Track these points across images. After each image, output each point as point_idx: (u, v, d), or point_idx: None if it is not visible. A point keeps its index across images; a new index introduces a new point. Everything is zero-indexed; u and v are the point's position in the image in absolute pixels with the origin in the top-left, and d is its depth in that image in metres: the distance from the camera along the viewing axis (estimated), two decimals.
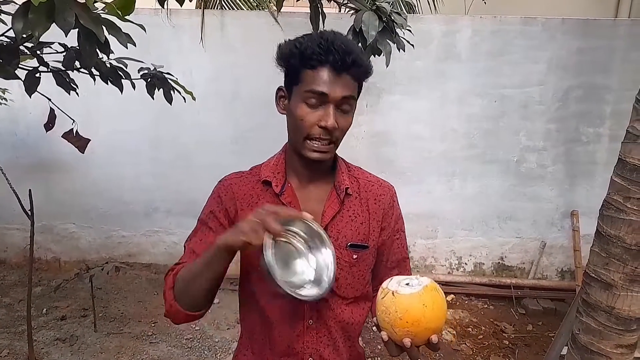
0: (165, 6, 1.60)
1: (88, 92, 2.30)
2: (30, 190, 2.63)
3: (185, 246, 1.07)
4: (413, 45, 2.06)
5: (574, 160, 3.71)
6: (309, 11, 1.91)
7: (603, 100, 3.59)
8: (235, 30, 3.64)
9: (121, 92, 1.93)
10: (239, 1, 4.10)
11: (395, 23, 1.76)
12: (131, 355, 2.91)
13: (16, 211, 2.77)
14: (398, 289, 0.85)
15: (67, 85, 1.90)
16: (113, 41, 1.30)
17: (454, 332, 3.28)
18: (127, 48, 1.33)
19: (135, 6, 1.23)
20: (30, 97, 1.69)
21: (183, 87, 2.12)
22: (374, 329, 2.97)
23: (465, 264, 3.96)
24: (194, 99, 2.18)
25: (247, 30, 3.61)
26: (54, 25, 1.04)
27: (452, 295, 3.76)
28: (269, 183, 1.05)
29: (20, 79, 1.63)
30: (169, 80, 2.11)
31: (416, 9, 4.05)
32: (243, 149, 3.70)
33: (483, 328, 3.37)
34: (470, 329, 3.34)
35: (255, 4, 4.08)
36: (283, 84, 1.02)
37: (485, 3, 3.65)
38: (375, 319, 0.91)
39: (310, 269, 0.93)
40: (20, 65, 1.54)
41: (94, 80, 1.88)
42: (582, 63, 3.53)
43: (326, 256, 0.92)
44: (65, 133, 2.12)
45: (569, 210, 3.79)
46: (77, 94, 1.98)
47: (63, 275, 3.86)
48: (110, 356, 2.89)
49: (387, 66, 1.81)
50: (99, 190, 3.96)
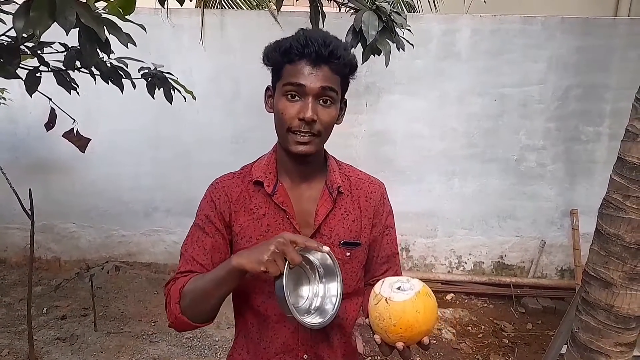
0: (165, 5, 1.60)
1: (87, 92, 2.30)
2: (30, 189, 2.63)
3: (182, 252, 1.07)
4: (413, 44, 2.06)
5: (573, 159, 3.72)
6: (309, 11, 1.91)
7: (602, 99, 3.60)
8: (235, 30, 3.64)
9: (122, 92, 1.93)
10: (238, 0, 4.09)
11: (395, 23, 1.76)
12: (131, 355, 2.92)
13: (16, 211, 2.77)
14: (391, 296, 0.86)
15: (68, 84, 1.90)
16: (113, 41, 1.30)
17: (454, 331, 3.28)
18: (128, 48, 1.33)
19: (136, 5, 1.23)
20: (30, 97, 1.69)
21: (183, 87, 2.12)
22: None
23: (465, 262, 3.97)
24: (194, 98, 2.18)
25: (247, 29, 3.61)
26: (54, 25, 1.04)
27: (452, 294, 3.77)
28: (261, 183, 1.05)
29: (21, 79, 1.63)
30: (170, 80, 2.12)
31: (416, 8, 4.05)
32: (243, 148, 3.71)
33: (483, 327, 3.38)
34: (470, 328, 3.35)
35: (255, 4, 4.08)
36: (271, 83, 1.04)
37: (485, 2, 3.65)
38: (367, 320, 0.92)
39: (317, 297, 0.96)
40: (20, 65, 1.53)
41: (95, 79, 1.88)
42: (582, 62, 3.54)
43: (333, 288, 0.95)
44: (65, 132, 2.12)
45: (569, 209, 3.79)
46: (78, 93, 1.98)
47: (63, 274, 3.86)
48: (110, 355, 2.90)
49: (387, 66, 1.81)
50: (98, 190, 3.96)
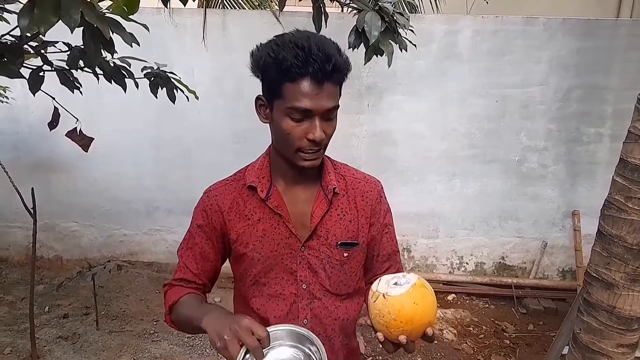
0: (168, 5, 1.60)
1: (90, 92, 2.31)
2: (32, 188, 2.63)
3: (178, 256, 1.10)
4: (415, 45, 2.06)
5: (575, 160, 3.71)
6: (311, 11, 1.92)
7: (604, 100, 3.59)
8: (237, 30, 3.64)
9: (125, 91, 1.94)
10: (241, 0, 4.10)
11: (398, 23, 1.76)
12: (133, 353, 2.92)
13: (18, 209, 2.78)
14: (388, 291, 0.86)
15: (71, 84, 1.90)
16: (115, 40, 1.30)
17: (455, 332, 3.28)
18: (132, 47, 1.33)
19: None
20: (34, 96, 1.70)
21: (186, 86, 2.13)
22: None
23: (467, 263, 3.96)
24: (197, 98, 2.19)
25: (249, 29, 3.61)
26: (58, 24, 1.05)
27: (453, 295, 3.77)
28: (254, 188, 1.05)
29: (25, 78, 1.63)
30: (172, 80, 2.12)
31: (418, 8, 4.05)
32: (244, 148, 3.71)
33: (484, 327, 3.38)
34: (471, 329, 3.35)
35: (257, 4, 4.09)
36: (261, 93, 0.99)
37: (487, 3, 3.66)
38: (369, 320, 0.91)
39: None
40: (24, 64, 1.54)
41: (98, 79, 1.88)
42: (584, 63, 3.54)
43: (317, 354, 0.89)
44: (69, 132, 2.13)
45: (570, 210, 3.79)
46: (81, 92, 1.98)
47: (65, 273, 3.87)
48: (112, 354, 2.90)
49: (389, 67, 1.81)
50: (101, 189, 3.96)
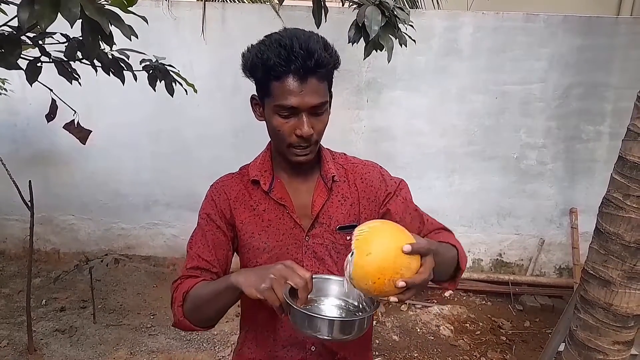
0: None
1: (88, 84, 2.30)
2: (30, 181, 2.63)
3: (187, 250, 1.09)
4: (415, 40, 2.05)
5: (574, 158, 3.72)
6: (311, 5, 1.91)
7: (604, 98, 3.59)
8: (237, 24, 3.62)
9: (123, 84, 1.93)
10: None
11: (398, 18, 1.75)
12: (130, 347, 2.92)
13: (16, 202, 2.77)
14: (348, 271, 0.82)
15: (69, 75, 1.89)
16: (114, 32, 1.29)
17: (452, 328, 3.29)
18: (131, 40, 1.32)
19: None
20: (31, 86, 1.69)
21: (185, 80, 2.12)
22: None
23: None
24: (195, 91, 2.18)
25: (249, 23, 3.59)
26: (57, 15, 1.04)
27: (450, 291, 3.78)
28: (258, 182, 1.07)
29: (22, 69, 1.62)
30: (171, 73, 2.11)
31: (418, 3, 4.04)
32: (243, 142, 3.70)
33: (481, 324, 3.39)
34: (467, 325, 3.36)
35: None
36: (255, 92, 1.01)
37: None
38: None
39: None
40: (22, 55, 1.53)
41: (96, 71, 1.87)
42: (584, 60, 3.53)
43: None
44: (66, 124, 2.12)
45: (568, 208, 3.80)
46: (80, 83, 1.97)
47: (62, 266, 3.87)
48: (109, 348, 2.91)
49: (389, 62, 1.81)
50: (98, 183, 3.96)
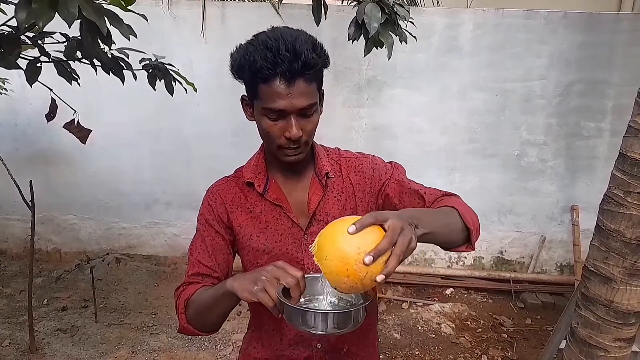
0: None
1: (88, 83, 2.30)
2: (30, 181, 2.63)
3: (188, 256, 1.10)
4: (415, 37, 2.05)
5: (574, 155, 3.71)
6: (311, 3, 1.90)
7: (604, 95, 3.58)
8: (237, 22, 3.62)
9: (122, 83, 1.93)
10: None
11: (398, 15, 1.75)
12: (131, 346, 2.93)
13: (17, 202, 2.78)
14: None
15: (69, 75, 1.89)
16: (114, 31, 1.29)
17: (453, 326, 3.29)
18: (129, 40, 1.32)
19: None
20: (31, 87, 1.69)
21: (185, 79, 2.12)
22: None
23: (465, 257, 3.97)
24: (195, 90, 2.18)
25: (249, 22, 3.59)
26: (55, 15, 1.04)
27: (451, 289, 3.78)
28: (252, 184, 1.07)
29: (22, 69, 1.62)
30: (171, 72, 2.11)
31: (418, 1, 4.03)
32: (243, 141, 3.69)
33: (482, 322, 3.39)
34: (469, 323, 3.36)
35: None
36: (245, 93, 1.01)
37: None
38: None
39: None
40: (21, 55, 1.53)
41: (96, 70, 1.87)
42: (584, 57, 3.52)
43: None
44: (66, 123, 2.12)
45: (569, 205, 3.79)
46: (79, 84, 1.97)
47: (64, 266, 3.87)
48: (110, 347, 2.91)
49: (389, 59, 1.81)
50: (99, 182, 3.96)
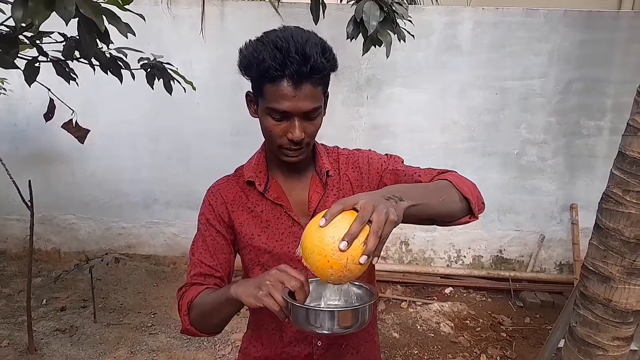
0: None
1: (87, 83, 2.29)
2: (29, 181, 2.63)
3: (190, 256, 1.09)
4: (414, 35, 2.05)
5: (574, 154, 3.71)
6: (310, 1, 1.90)
7: (604, 93, 3.58)
8: (236, 21, 3.61)
9: (121, 82, 1.92)
10: None
11: (397, 13, 1.75)
12: (130, 346, 2.93)
13: (16, 202, 2.77)
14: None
15: (67, 75, 1.89)
16: (113, 31, 1.29)
17: (452, 325, 3.29)
18: (127, 38, 1.32)
19: None
20: (30, 87, 1.69)
21: (183, 77, 2.12)
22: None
23: (464, 256, 3.97)
24: (194, 89, 2.18)
25: (248, 21, 3.59)
26: (53, 14, 1.04)
27: (451, 288, 3.78)
28: (253, 183, 1.07)
29: (20, 69, 1.62)
30: (169, 71, 2.11)
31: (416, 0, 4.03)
32: (243, 140, 3.70)
33: (481, 320, 3.39)
34: (468, 322, 3.36)
35: None
36: (251, 89, 1.00)
37: None
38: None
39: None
40: (19, 55, 1.53)
41: (94, 70, 1.87)
42: (584, 55, 3.52)
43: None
44: (65, 123, 2.12)
45: (568, 204, 3.79)
46: (77, 83, 1.97)
47: (63, 266, 3.87)
48: (109, 347, 2.91)
49: (388, 57, 1.81)
50: (98, 182, 3.95)
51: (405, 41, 1.90)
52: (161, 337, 3.04)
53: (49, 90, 1.97)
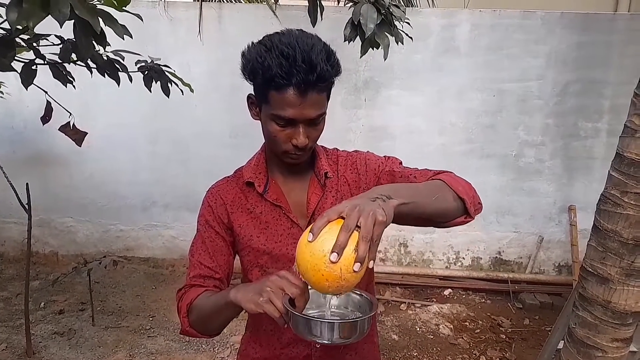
0: None
1: (85, 86, 2.29)
2: (27, 184, 2.62)
3: (189, 258, 1.09)
4: (412, 38, 2.05)
5: (572, 155, 3.71)
6: (307, 4, 1.90)
7: (602, 95, 3.59)
8: (233, 23, 3.62)
9: (118, 85, 1.92)
10: None
11: (394, 16, 1.75)
12: (129, 349, 2.92)
13: (13, 205, 2.76)
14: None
15: (64, 77, 1.89)
16: (110, 34, 1.29)
17: (451, 327, 3.29)
18: (124, 39, 1.32)
19: None
20: (27, 90, 1.68)
21: (181, 80, 2.12)
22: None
23: (463, 258, 3.97)
24: (192, 91, 2.17)
25: (245, 23, 3.59)
26: (50, 17, 1.03)
27: (450, 290, 3.78)
28: (252, 184, 1.07)
29: (17, 72, 1.62)
30: (167, 73, 2.10)
31: (415, 1, 4.03)
32: (241, 142, 3.69)
33: (480, 322, 3.38)
34: (467, 323, 3.36)
35: None
36: (253, 92, 1.00)
37: None
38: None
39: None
40: (16, 58, 1.52)
41: (91, 72, 1.87)
42: (581, 57, 3.53)
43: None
44: (62, 126, 2.12)
45: (567, 205, 3.79)
46: (74, 86, 1.97)
47: (61, 269, 3.86)
48: (108, 350, 2.90)
49: (385, 59, 1.81)
50: (96, 184, 3.95)
51: (403, 43, 1.90)
52: (160, 340, 3.03)
53: (46, 93, 1.97)
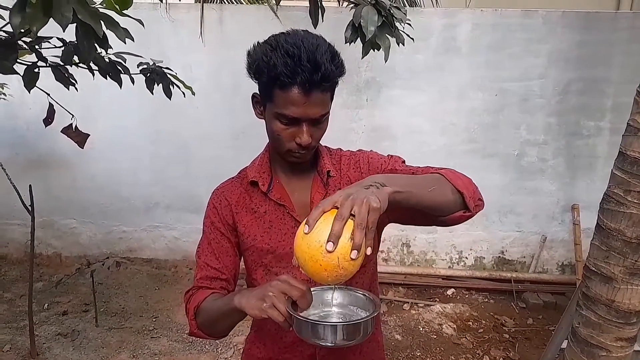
0: (164, 0, 1.59)
1: (87, 88, 2.30)
2: (30, 185, 2.63)
3: (196, 259, 1.11)
4: (413, 38, 2.05)
5: (574, 154, 3.70)
6: (309, 5, 1.90)
7: (604, 94, 3.58)
8: (235, 25, 3.62)
9: (120, 87, 1.93)
10: None
11: (395, 17, 1.74)
12: (132, 350, 2.92)
13: (17, 207, 2.77)
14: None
15: (66, 80, 1.89)
16: (112, 36, 1.29)
17: (455, 326, 3.28)
18: (125, 43, 1.32)
19: (134, 0, 1.23)
20: (29, 92, 1.69)
21: (182, 82, 2.12)
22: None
23: (466, 258, 3.96)
24: (193, 93, 2.18)
25: (247, 24, 3.59)
26: (52, 19, 1.04)
27: (453, 289, 3.77)
28: (256, 183, 1.07)
29: (19, 74, 1.62)
30: (168, 75, 2.11)
31: (417, 1, 4.03)
32: (243, 144, 3.70)
33: (483, 322, 3.38)
34: (470, 323, 3.35)
35: None
36: (258, 91, 1.00)
37: None
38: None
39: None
40: (18, 60, 1.53)
41: (93, 75, 1.87)
42: (583, 56, 3.52)
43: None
44: (64, 128, 2.12)
45: (570, 204, 3.78)
46: (76, 89, 1.97)
47: (64, 270, 3.87)
48: (111, 351, 2.90)
49: (386, 61, 1.80)
50: (99, 186, 3.96)
51: (404, 45, 1.89)
52: (163, 341, 3.03)
53: (49, 95, 1.97)
